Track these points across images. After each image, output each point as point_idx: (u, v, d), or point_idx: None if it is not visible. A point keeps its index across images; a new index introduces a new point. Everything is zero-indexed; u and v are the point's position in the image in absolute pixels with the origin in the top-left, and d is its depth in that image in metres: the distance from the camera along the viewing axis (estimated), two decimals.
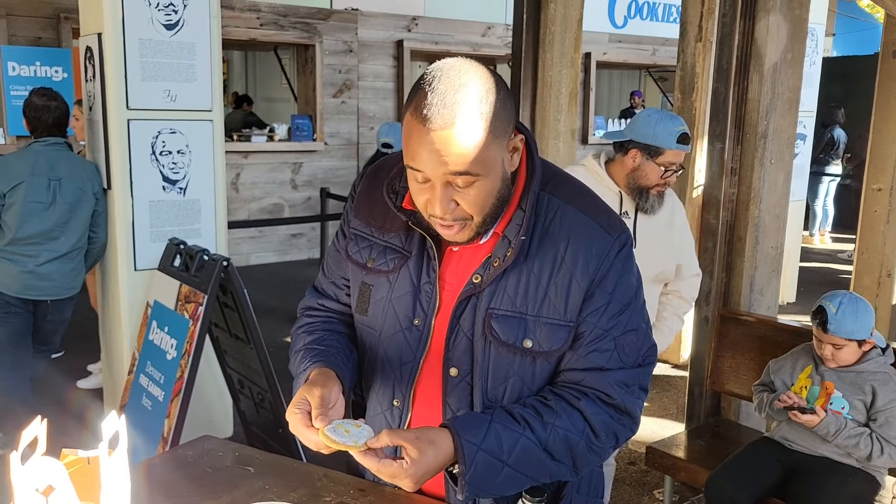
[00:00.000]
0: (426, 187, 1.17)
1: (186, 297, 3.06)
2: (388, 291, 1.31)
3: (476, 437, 1.17)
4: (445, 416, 1.28)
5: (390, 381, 1.33)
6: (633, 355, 1.27)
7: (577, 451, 1.24)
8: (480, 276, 1.24)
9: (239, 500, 1.27)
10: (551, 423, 1.22)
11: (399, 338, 1.30)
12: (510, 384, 1.26)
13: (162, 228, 3.50)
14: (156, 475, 1.38)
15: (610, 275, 1.25)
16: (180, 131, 3.49)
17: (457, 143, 1.11)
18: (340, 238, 1.42)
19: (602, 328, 1.25)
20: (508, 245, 1.23)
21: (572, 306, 1.24)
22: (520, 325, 1.24)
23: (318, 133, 7.88)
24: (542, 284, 1.23)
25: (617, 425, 1.26)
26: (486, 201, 1.17)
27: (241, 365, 3.32)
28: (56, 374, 4.52)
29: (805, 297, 6.59)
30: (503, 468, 1.18)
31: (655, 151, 2.40)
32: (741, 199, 3.15)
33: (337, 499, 1.29)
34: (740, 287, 3.19)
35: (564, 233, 1.24)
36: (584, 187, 1.33)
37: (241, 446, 1.51)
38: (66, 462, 1.08)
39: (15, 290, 3.34)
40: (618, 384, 1.26)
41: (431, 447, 1.14)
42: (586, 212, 1.27)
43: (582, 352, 1.26)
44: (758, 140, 3.06)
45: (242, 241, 7.47)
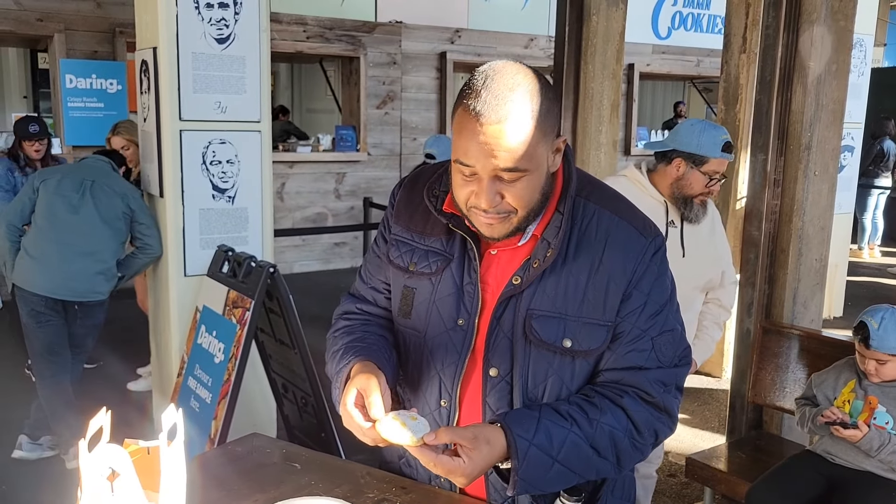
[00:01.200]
0: (472, 180, 1.21)
1: (234, 302, 3.15)
2: (432, 293, 1.35)
3: (527, 432, 1.21)
4: (485, 416, 1.32)
5: (436, 382, 1.36)
6: (669, 355, 1.31)
7: (621, 448, 1.27)
8: (520, 277, 1.29)
9: (286, 495, 1.33)
10: (596, 420, 1.25)
11: (444, 338, 1.34)
12: (549, 383, 1.30)
13: (211, 235, 3.61)
14: (208, 468, 1.44)
15: (646, 276, 1.29)
16: (230, 142, 3.60)
17: (508, 139, 1.16)
18: (381, 244, 1.47)
19: (640, 328, 1.29)
20: (548, 247, 1.27)
21: (610, 307, 1.28)
22: (559, 325, 1.28)
23: (361, 143, 8.00)
24: (581, 286, 1.28)
25: (657, 423, 1.30)
26: (531, 196, 1.22)
27: (286, 369, 3.39)
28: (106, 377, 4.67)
29: (852, 311, 6.46)
30: (553, 464, 1.22)
31: (700, 160, 2.42)
32: (784, 210, 3.13)
33: (379, 496, 1.34)
34: (783, 299, 3.17)
35: (601, 236, 1.29)
36: (618, 193, 1.38)
37: (288, 444, 1.57)
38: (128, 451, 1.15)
39: (45, 289, 3.38)
40: (656, 383, 1.29)
41: (487, 446, 1.18)
42: (622, 216, 1.32)
43: (621, 351, 1.30)
44: (801, 152, 3.05)
45: (287, 249, 7.61)
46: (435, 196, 1.36)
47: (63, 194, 3.43)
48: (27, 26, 6.42)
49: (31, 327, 3.45)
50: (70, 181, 3.45)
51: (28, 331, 3.48)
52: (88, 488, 1.00)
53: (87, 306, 3.52)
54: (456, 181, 1.24)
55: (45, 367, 3.51)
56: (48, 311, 3.43)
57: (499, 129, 1.15)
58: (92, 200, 3.47)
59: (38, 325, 3.43)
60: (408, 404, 1.44)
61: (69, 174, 3.47)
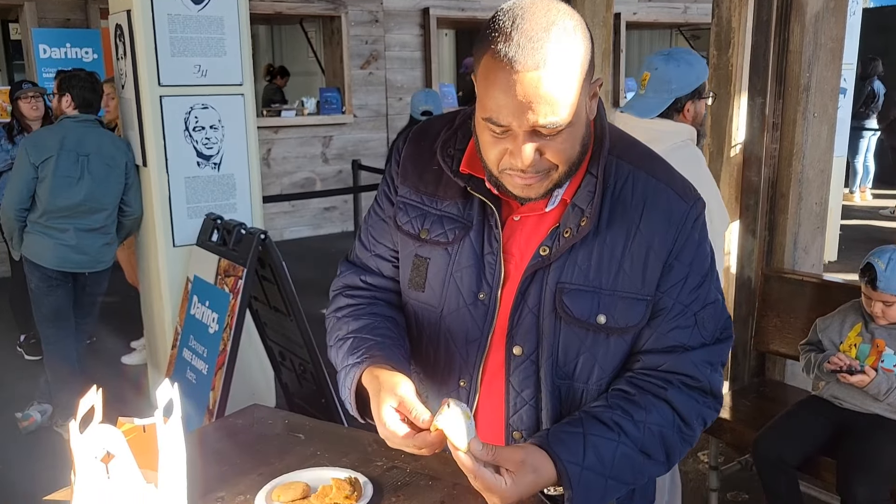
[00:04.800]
0: (505, 138, 1.06)
1: (226, 271, 3.08)
2: (449, 264, 1.22)
3: (576, 455, 1.09)
4: (508, 398, 1.23)
5: (455, 361, 1.25)
6: (711, 330, 1.20)
7: (671, 444, 1.17)
8: (548, 247, 1.16)
9: (291, 466, 1.28)
10: (643, 422, 1.15)
11: (463, 314, 1.22)
12: (581, 362, 1.19)
13: (198, 204, 3.52)
14: (208, 443, 1.39)
15: (688, 246, 1.17)
16: (212, 106, 3.49)
17: (548, 88, 1.00)
18: (385, 205, 1.32)
19: (682, 303, 1.17)
20: (581, 214, 1.14)
21: (650, 279, 1.16)
22: (593, 300, 1.15)
23: (346, 106, 7.86)
24: (616, 256, 1.15)
25: (703, 409, 1.20)
26: (573, 148, 1.09)
27: (282, 337, 3.34)
28: (100, 352, 4.61)
29: (846, 255, 6.47)
30: (606, 481, 1.12)
31: (702, 90, 2.32)
32: (783, 154, 3.07)
33: (388, 463, 1.29)
34: (784, 245, 3.12)
35: (638, 200, 1.16)
36: (652, 151, 1.25)
37: (290, 414, 1.51)
38: (122, 430, 1.09)
39: (53, 263, 3.44)
40: (702, 364, 1.19)
41: (533, 474, 1.06)
42: (659, 178, 1.19)
43: (662, 329, 1.18)
44: (800, 93, 2.98)
45: (276, 216, 7.52)
46: (450, 156, 1.21)
47: (62, 175, 3.37)
48: None
49: (40, 292, 3.50)
50: (66, 159, 3.37)
51: (37, 296, 3.52)
52: (82, 471, 0.94)
53: (96, 274, 3.60)
54: (485, 140, 1.09)
55: (52, 333, 3.56)
56: (59, 277, 3.49)
57: (537, 78, 0.99)
58: (90, 177, 3.42)
59: (48, 289, 3.49)
60: (421, 385, 1.31)
61: (63, 151, 3.36)
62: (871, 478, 2.32)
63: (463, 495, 1.18)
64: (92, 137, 3.45)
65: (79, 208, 3.43)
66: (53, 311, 3.51)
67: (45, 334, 3.58)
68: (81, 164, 3.40)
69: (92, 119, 3.49)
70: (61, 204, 3.39)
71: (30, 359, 4.59)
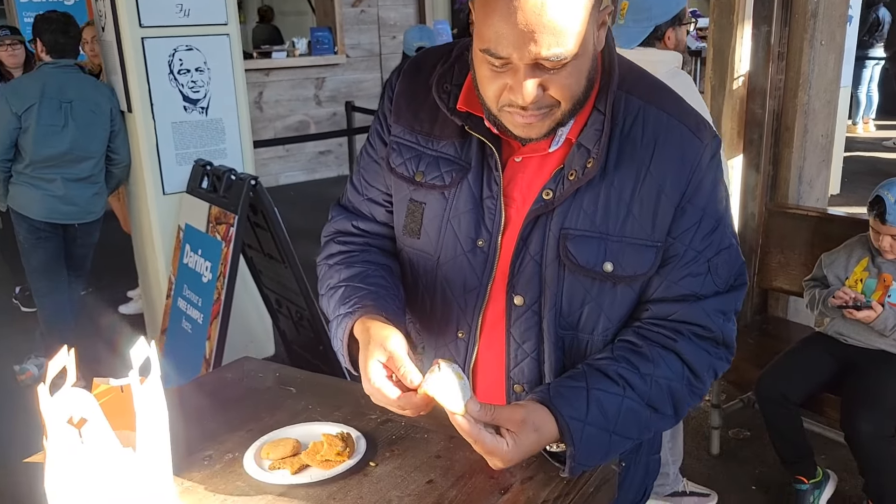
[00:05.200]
0: (505, 72, 0.98)
1: (217, 218, 3.01)
2: (445, 209, 1.15)
3: (578, 411, 1.03)
4: (509, 350, 1.16)
5: (452, 311, 1.18)
6: (725, 277, 1.13)
7: (679, 398, 1.11)
8: (552, 191, 1.08)
9: (282, 422, 1.23)
10: (650, 375, 1.08)
11: (461, 261, 1.15)
12: (585, 312, 1.12)
13: (187, 150, 3.43)
14: (197, 398, 1.34)
15: (702, 187, 1.08)
16: (196, 48, 3.36)
17: (552, 16, 0.91)
18: (378, 146, 1.23)
19: (695, 249, 1.09)
20: (587, 155, 1.06)
21: (661, 224, 1.08)
22: (599, 247, 1.08)
23: (338, 46, 7.65)
24: (625, 199, 1.07)
25: (715, 360, 1.13)
26: (578, 84, 1.00)
27: (278, 284, 3.29)
28: (96, 301, 4.57)
29: (850, 188, 6.38)
30: (610, 437, 1.06)
31: (681, 16, 2.26)
32: (789, 85, 2.97)
33: (382, 416, 1.24)
34: (788, 179, 3.05)
35: (649, 138, 1.07)
36: (663, 84, 1.15)
37: (282, 366, 1.47)
38: (98, 392, 1.04)
39: (41, 214, 3.35)
40: (714, 313, 1.12)
41: (535, 433, 1.00)
42: (672, 113, 1.09)
43: (673, 277, 1.10)
44: (807, 20, 2.85)
45: (270, 160, 7.40)
46: (446, 92, 1.13)
47: (46, 124, 3.26)
48: None
49: (29, 244, 3.42)
50: (48, 107, 3.25)
51: (25, 249, 3.45)
52: (54, 436, 0.89)
53: (86, 225, 3.50)
54: (482, 74, 1.01)
55: (43, 285, 3.50)
56: (48, 229, 3.40)
57: (540, 4, 0.90)
58: (75, 125, 3.31)
59: (36, 241, 3.41)
60: (417, 337, 1.26)
61: (45, 99, 3.24)
62: (875, 413, 2.29)
63: (459, 448, 1.13)
64: (73, 84, 3.33)
65: (65, 157, 3.33)
66: (43, 264, 3.44)
67: (35, 287, 3.52)
68: (65, 112, 3.29)
69: (71, 64, 3.36)
70: (46, 153, 3.29)
71: (26, 310, 4.56)
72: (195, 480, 1.09)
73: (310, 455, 1.11)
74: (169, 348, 3.28)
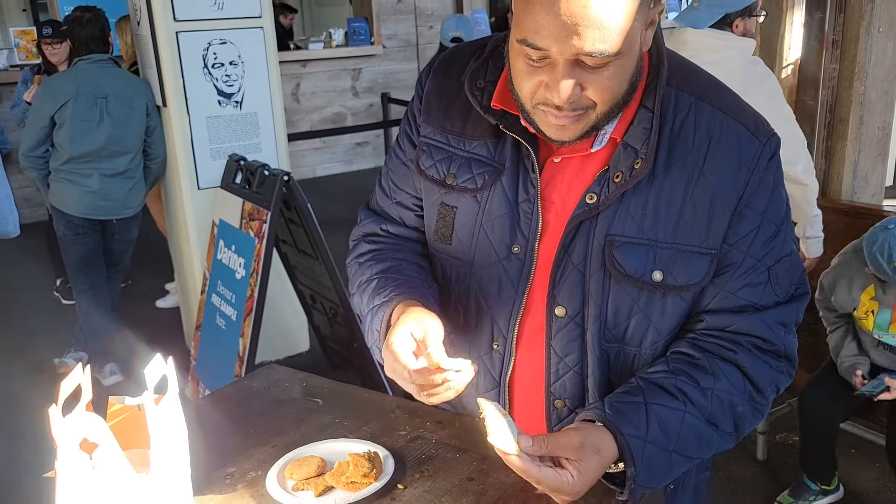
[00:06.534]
0: (542, 67, 0.91)
1: (250, 214, 2.98)
2: (478, 214, 1.08)
3: (639, 429, 0.96)
4: (549, 364, 1.09)
5: (487, 321, 1.12)
6: (786, 286, 1.04)
7: (741, 414, 1.03)
8: (596, 194, 1.01)
9: (308, 436, 1.17)
10: (710, 388, 1.00)
11: (496, 269, 1.09)
12: (632, 323, 1.05)
13: (221, 145, 3.41)
14: (221, 410, 1.29)
15: (761, 190, 1.00)
16: (231, 41, 3.33)
17: (598, 8, 0.85)
18: (407, 147, 1.18)
19: (754, 257, 1.01)
20: (635, 155, 0.99)
21: (715, 230, 1.00)
22: (648, 255, 1.00)
23: (375, 36, 7.60)
24: (675, 203, 1.00)
25: (777, 374, 1.05)
26: (620, 86, 0.94)
27: (312, 280, 3.26)
28: (134, 295, 4.61)
29: None
30: (670, 456, 0.98)
31: (753, 7, 2.35)
32: (843, 75, 2.83)
33: (412, 432, 1.18)
34: (841, 174, 2.92)
35: (702, 137, 1.00)
36: (718, 80, 1.07)
37: (309, 375, 1.41)
38: (113, 410, 0.99)
39: (79, 210, 3.36)
40: (776, 325, 1.03)
41: (597, 456, 0.92)
42: (727, 111, 1.02)
43: (731, 287, 1.02)
44: (864, 6, 2.71)
45: (307, 153, 7.39)
46: (479, 89, 1.06)
47: (81, 120, 3.27)
48: None
49: (68, 240, 3.44)
50: (83, 103, 3.25)
51: (65, 244, 3.46)
52: (65, 460, 0.84)
53: (124, 220, 3.50)
54: (518, 68, 0.94)
55: (82, 280, 3.51)
56: (86, 225, 3.42)
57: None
58: (110, 120, 3.31)
59: (75, 237, 3.42)
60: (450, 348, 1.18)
61: (79, 95, 3.25)
62: None
63: (493, 470, 1.06)
64: (109, 78, 3.32)
65: (101, 152, 3.33)
66: (82, 259, 3.45)
67: (75, 282, 3.53)
68: (100, 107, 3.29)
69: (106, 59, 3.35)
70: (83, 149, 3.30)
71: (67, 303, 4.61)
72: (215, 502, 1.04)
73: (335, 476, 1.05)
74: (203, 344, 3.26)
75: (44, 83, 3.47)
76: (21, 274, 5.10)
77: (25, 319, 4.44)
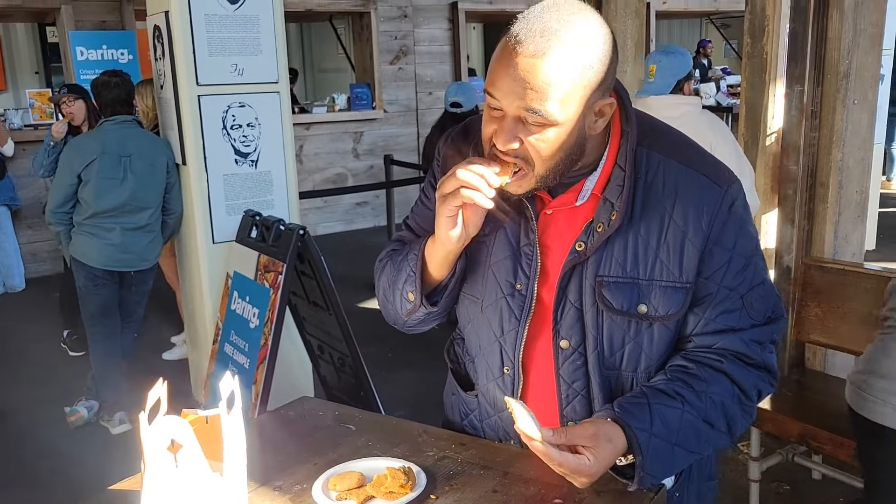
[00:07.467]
0: (497, 117, 1.11)
1: (265, 266, 3.13)
2: (487, 256, 1.27)
3: (644, 423, 1.13)
4: (560, 390, 1.26)
5: (497, 349, 1.30)
6: (761, 311, 1.22)
7: (732, 415, 1.20)
8: (584, 242, 1.19)
9: (345, 456, 1.31)
10: (704, 392, 1.18)
11: (501, 304, 1.27)
12: (626, 351, 1.22)
13: (236, 201, 3.57)
14: (263, 434, 1.42)
15: (727, 230, 1.18)
16: (249, 104, 3.53)
17: (541, 76, 1.04)
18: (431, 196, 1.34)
19: (727, 287, 1.19)
20: (612, 208, 1.17)
21: (687, 267, 1.18)
22: (633, 291, 1.18)
23: (377, 101, 7.90)
24: (652, 246, 1.18)
25: (759, 381, 1.22)
26: (553, 152, 1.11)
27: (320, 331, 3.38)
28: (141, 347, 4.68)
29: (885, 243, 6.36)
30: (673, 449, 1.15)
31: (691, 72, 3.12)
32: (822, 142, 3.04)
33: (439, 453, 1.31)
34: (823, 234, 3.09)
35: (670, 189, 1.18)
36: (685, 138, 1.26)
37: (340, 406, 1.54)
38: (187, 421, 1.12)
39: (101, 262, 3.52)
40: (752, 343, 1.21)
41: (609, 444, 1.10)
42: (691, 164, 1.20)
43: (709, 315, 1.20)
44: (839, 80, 2.94)
45: (309, 211, 7.58)
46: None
47: (105, 177, 3.45)
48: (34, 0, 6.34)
49: (87, 290, 3.58)
50: (108, 161, 3.45)
51: (84, 294, 3.60)
52: (152, 461, 0.98)
53: (141, 272, 3.67)
54: (485, 116, 1.14)
55: (98, 331, 3.64)
56: (105, 276, 3.57)
57: (533, 64, 1.04)
58: (134, 178, 3.50)
59: (94, 287, 3.57)
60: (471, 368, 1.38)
61: (105, 154, 3.44)
62: None
63: (514, 484, 1.20)
64: (132, 138, 3.52)
65: (124, 208, 3.51)
66: (99, 309, 3.59)
67: (91, 332, 3.65)
68: (124, 166, 3.48)
69: (130, 120, 3.56)
70: (107, 205, 3.47)
71: (73, 354, 4.70)
72: None
73: (375, 487, 1.18)
74: (214, 393, 3.37)
75: (71, 142, 3.66)
76: (28, 326, 5.20)
77: (34, 370, 4.52)
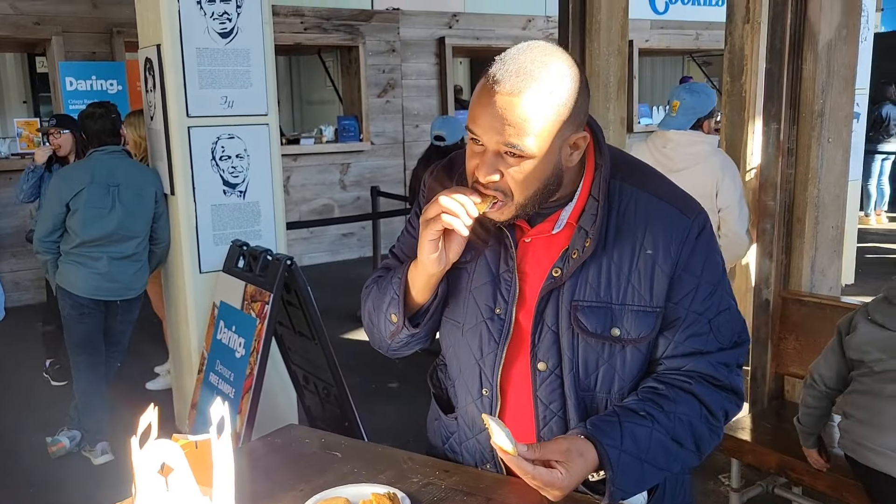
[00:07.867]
0: (479, 151, 1.18)
1: (252, 296, 3.15)
2: (468, 282, 1.33)
3: (615, 440, 1.18)
4: (538, 411, 1.31)
5: (477, 371, 1.35)
6: (728, 335, 1.29)
7: (700, 435, 1.26)
8: (560, 269, 1.25)
9: (331, 483, 1.33)
10: (673, 412, 1.24)
11: (481, 328, 1.32)
12: (601, 373, 1.28)
13: (224, 231, 3.60)
14: (251, 460, 1.44)
15: (694, 258, 1.25)
16: (238, 136, 3.58)
17: (518, 114, 1.12)
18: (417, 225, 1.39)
19: (696, 312, 1.26)
20: (586, 236, 1.24)
21: (657, 292, 1.24)
22: (606, 315, 1.25)
23: (364, 133, 7.98)
24: (624, 272, 1.24)
25: (726, 403, 1.29)
26: (530, 184, 1.18)
27: (306, 361, 3.40)
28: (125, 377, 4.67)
29: (864, 278, 6.46)
30: (642, 465, 1.20)
31: (713, 112, 3.31)
32: (799, 179, 3.12)
33: (423, 480, 1.34)
34: (801, 268, 3.16)
35: (641, 219, 1.25)
36: (656, 172, 1.34)
37: (326, 433, 1.57)
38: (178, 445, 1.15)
39: (86, 291, 3.52)
40: (719, 365, 1.27)
41: (581, 458, 1.16)
42: (661, 196, 1.28)
43: (679, 338, 1.27)
44: (814, 119, 3.03)
45: (295, 242, 7.60)
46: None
47: (93, 206, 3.48)
48: (25, 30, 6.39)
49: (72, 319, 3.58)
50: (96, 191, 3.48)
51: (69, 323, 3.59)
52: (143, 485, 1.00)
53: (127, 301, 3.68)
54: (468, 149, 1.22)
55: (82, 360, 3.63)
56: (91, 305, 3.57)
57: (510, 102, 1.11)
58: (122, 207, 3.52)
59: (80, 316, 3.56)
60: (452, 392, 1.42)
61: (93, 183, 3.47)
62: None
63: None
64: (121, 168, 3.55)
65: (111, 237, 3.53)
66: (84, 338, 3.59)
67: (75, 361, 3.64)
68: (112, 195, 3.50)
69: (119, 150, 3.60)
70: (95, 234, 3.49)
71: (56, 384, 4.67)
72: None
73: None
74: (199, 422, 3.36)
75: (59, 171, 3.68)
76: (9, 356, 5.16)
77: (15, 400, 4.49)
